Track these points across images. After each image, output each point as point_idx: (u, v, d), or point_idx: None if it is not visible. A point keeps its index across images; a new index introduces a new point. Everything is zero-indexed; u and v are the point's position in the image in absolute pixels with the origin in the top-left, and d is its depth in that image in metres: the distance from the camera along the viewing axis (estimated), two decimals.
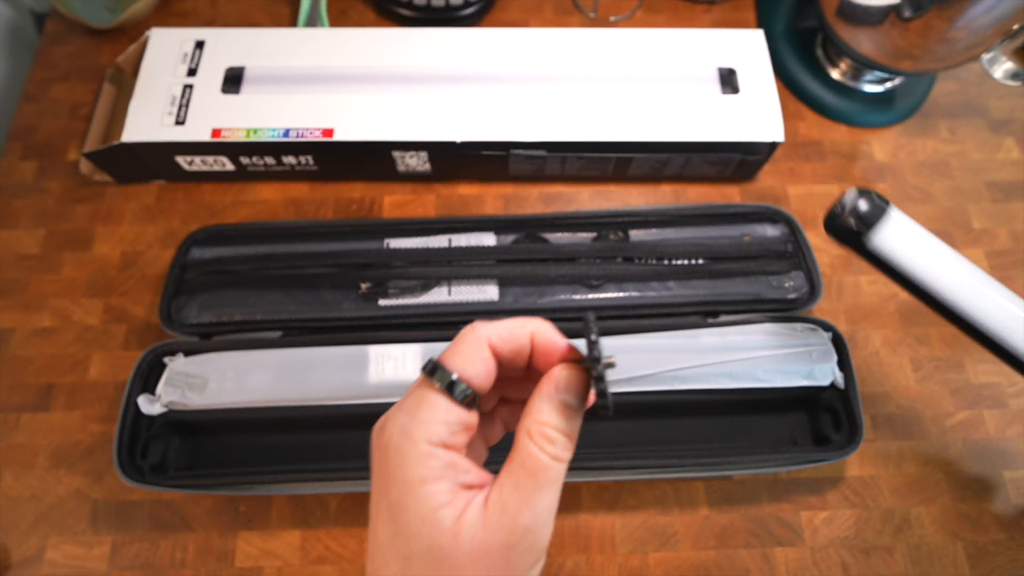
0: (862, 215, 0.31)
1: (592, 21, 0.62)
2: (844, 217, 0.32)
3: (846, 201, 0.32)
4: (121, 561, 0.42)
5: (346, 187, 0.54)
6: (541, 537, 0.22)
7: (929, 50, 0.48)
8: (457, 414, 0.21)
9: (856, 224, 0.31)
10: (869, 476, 0.45)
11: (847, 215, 0.32)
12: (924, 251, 0.32)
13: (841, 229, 0.32)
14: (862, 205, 0.31)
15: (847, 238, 0.32)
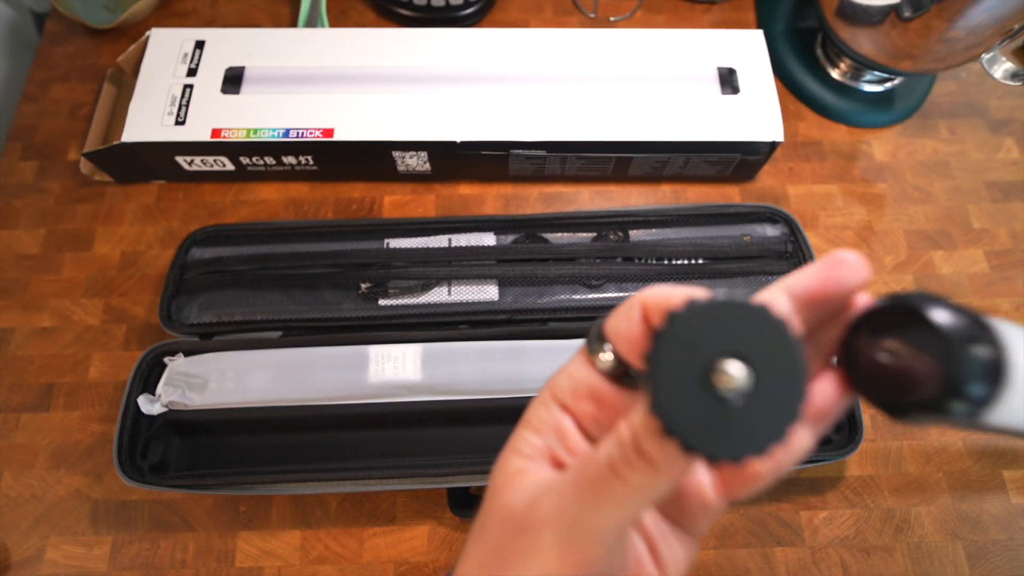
0: (976, 391, 0.15)
1: (592, 21, 0.62)
2: (943, 399, 0.15)
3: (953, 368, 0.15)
4: (121, 561, 0.42)
5: (346, 187, 0.54)
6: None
7: (929, 50, 0.48)
8: (584, 373, 0.19)
9: (967, 407, 0.15)
10: (869, 476, 0.45)
11: (947, 394, 0.15)
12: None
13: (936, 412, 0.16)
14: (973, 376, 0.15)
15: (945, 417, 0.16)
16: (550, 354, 0.42)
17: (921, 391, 0.15)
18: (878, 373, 0.16)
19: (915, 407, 0.16)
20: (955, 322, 0.15)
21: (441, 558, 0.42)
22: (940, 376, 0.15)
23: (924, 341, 0.15)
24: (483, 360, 0.42)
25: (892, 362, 0.16)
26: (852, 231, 0.53)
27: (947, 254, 0.52)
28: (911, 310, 0.16)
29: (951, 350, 0.15)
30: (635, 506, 0.16)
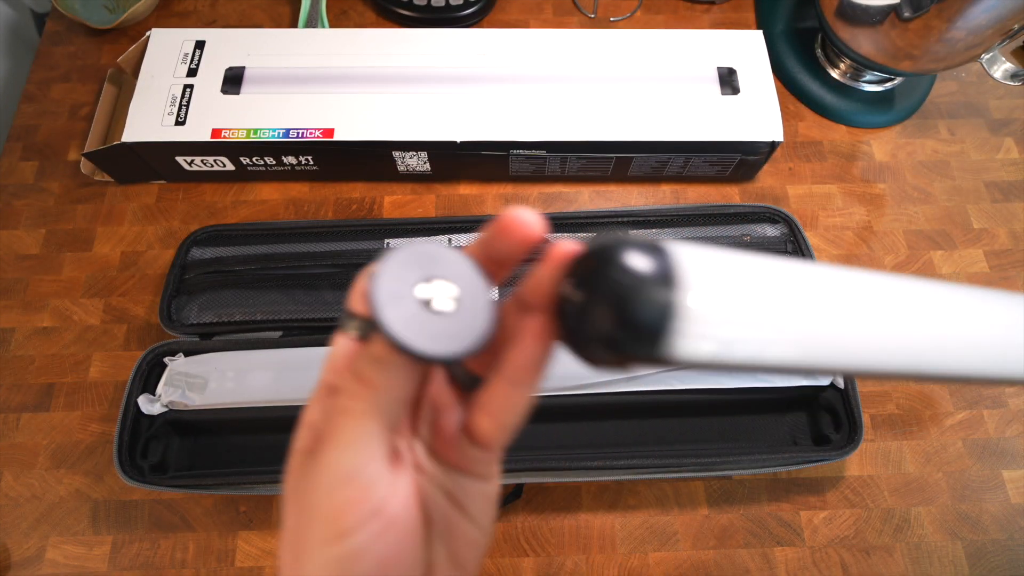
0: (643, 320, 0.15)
1: (592, 21, 0.62)
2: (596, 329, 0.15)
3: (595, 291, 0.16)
4: (121, 561, 0.42)
5: (346, 187, 0.54)
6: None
7: (929, 50, 0.48)
8: (344, 348, 0.20)
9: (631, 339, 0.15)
10: (869, 476, 0.45)
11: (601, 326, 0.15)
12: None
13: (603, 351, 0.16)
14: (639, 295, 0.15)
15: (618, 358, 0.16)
16: None
17: (598, 331, 0.15)
18: (566, 317, 0.17)
19: (596, 347, 0.16)
20: (629, 262, 0.15)
21: None
22: (612, 314, 0.15)
23: (600, 282, 0.15)
24: None
25: (575, 305, 0.16)
26: (852, 231, 0.53)
27: (947, 254, 0.52)
28: (595, 253, 0.16)
29: (618, 289, 0.15)
30: (364, 433, 0.17)
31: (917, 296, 0.18)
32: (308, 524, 0.18)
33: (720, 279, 0.15)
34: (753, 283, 0.16)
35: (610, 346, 0.15)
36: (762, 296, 0.16)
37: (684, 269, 0.15)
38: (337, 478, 0.17)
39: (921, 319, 0.18)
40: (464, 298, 0.18)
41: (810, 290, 0.17)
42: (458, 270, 0.18)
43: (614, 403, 0.42)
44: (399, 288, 0.17)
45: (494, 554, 0.43)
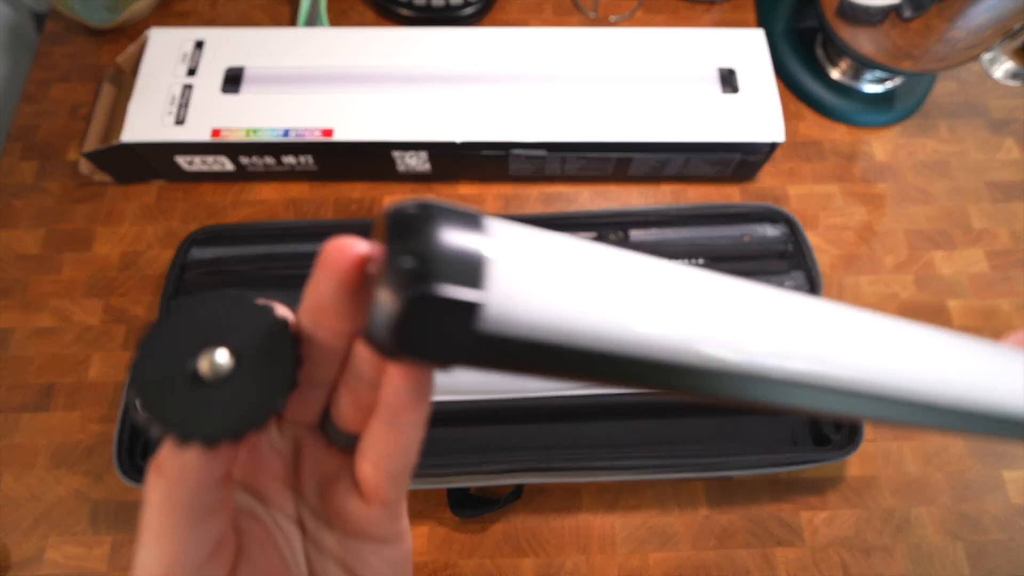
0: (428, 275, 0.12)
1: (592, 21, 0.62)
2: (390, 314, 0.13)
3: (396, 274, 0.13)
4: (121, 561, 0.42)
5: (346, 187, 0.54)
6: None
7: (929, 50, 0.48)
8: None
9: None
10: (869, 476, 0.45)
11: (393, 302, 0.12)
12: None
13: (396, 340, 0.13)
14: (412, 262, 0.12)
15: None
16: None
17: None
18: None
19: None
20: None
21: (441, 558, 0.42)
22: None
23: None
24: None
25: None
26: (852, 231, 0.53)
27: (947, 254, 0.52)
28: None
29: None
30: (162, 528, 0.15)
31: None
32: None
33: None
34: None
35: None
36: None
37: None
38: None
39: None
40: (252, 361, 0.15)
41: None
42: (252, 326, 0.15)
43: (614, 403, 0.42)
44: (166, 360, 0.15)
45: (494, 554, 0.43)
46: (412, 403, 0.15)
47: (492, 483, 0.41)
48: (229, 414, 0.14)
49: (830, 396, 0.17)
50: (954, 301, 0.51)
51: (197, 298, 0.15)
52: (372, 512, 0.17)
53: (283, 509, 0.18)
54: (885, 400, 0.17)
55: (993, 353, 0.19)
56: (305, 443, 0.18)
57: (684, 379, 0.15)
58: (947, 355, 0.18)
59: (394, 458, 0.16)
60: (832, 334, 0.16)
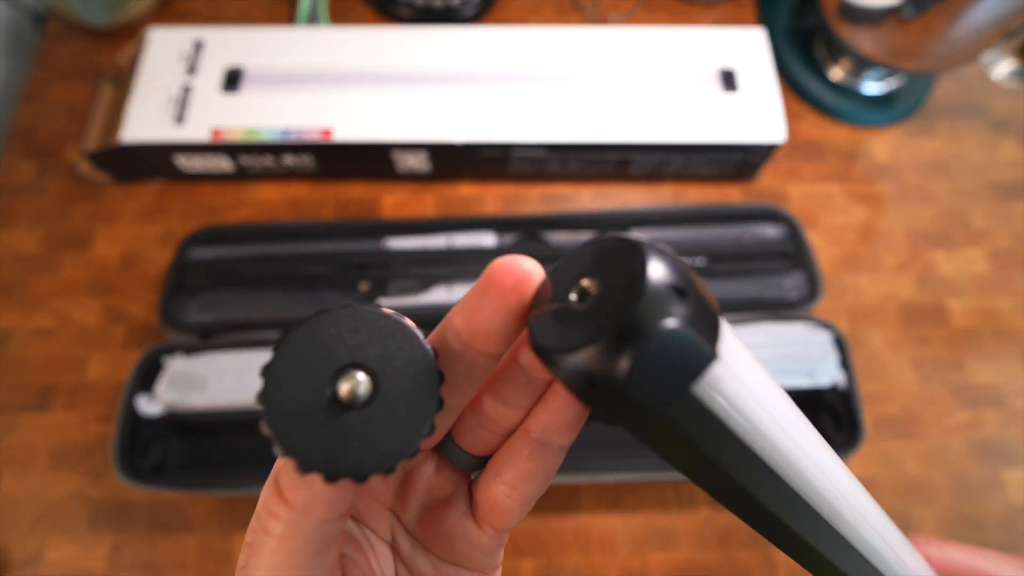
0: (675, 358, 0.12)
1: (592, 20, 0.62)
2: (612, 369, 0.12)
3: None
4: (121, 561, 0.42)
5: (346, 187, 0.54)
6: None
7: (929, 50, 0.48)
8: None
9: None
10: (869, 476, 0.45)
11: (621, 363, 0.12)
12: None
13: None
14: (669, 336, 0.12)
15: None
16: None
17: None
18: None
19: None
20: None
21: None
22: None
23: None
24: None
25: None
26: (852, 231, 0.53)
27: (947, 254, 0.52)
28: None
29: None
30: (282, 562, 0.14)
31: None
32: None
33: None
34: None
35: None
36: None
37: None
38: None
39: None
40: (391, 381, 0.14)
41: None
42: (393, 347, 0.14)
43: None
44: (296, 389, 0.13)
45: None
46: (570, 426, 0.15)
47: None
48: (376, 443, 0.13)
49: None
50: (954, 301, 0.51)
51: (322, 314, 0.14)
52: (484, 538, 0.17)
53: (379, 531, 0.17)
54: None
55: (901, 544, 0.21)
56: (418, 464, 0.17)
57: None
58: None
59: (534, 482, 0.16)
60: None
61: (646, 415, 0.12)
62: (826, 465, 0.16)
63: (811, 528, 0.17)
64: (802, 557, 0.18)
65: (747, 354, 0.14)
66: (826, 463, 0.17)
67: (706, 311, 0.12)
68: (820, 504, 0.16)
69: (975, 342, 0.49)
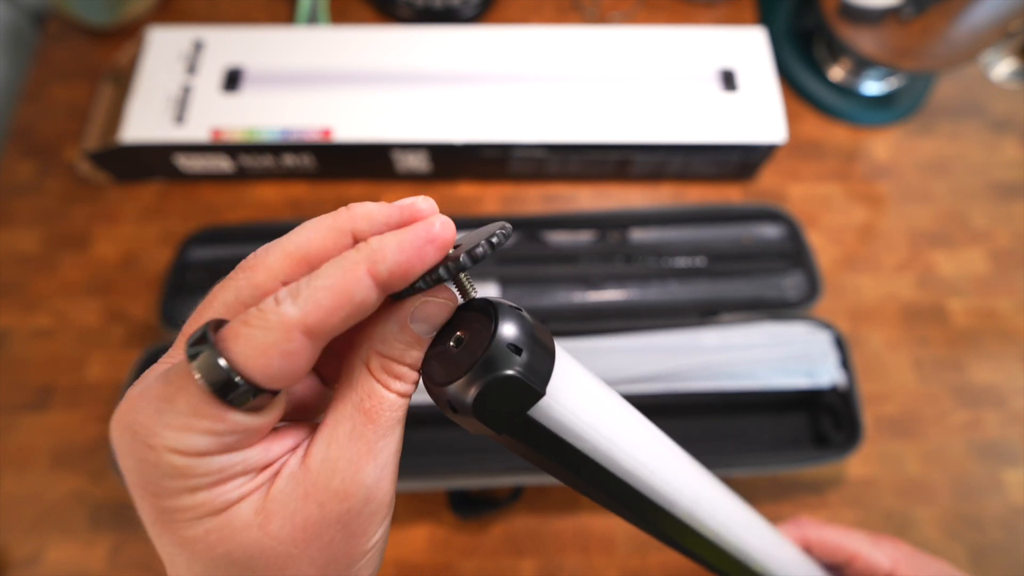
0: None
1: (592, 20, 0.62)
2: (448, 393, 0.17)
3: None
4: (121, 561, 0.42)
5: (346, 187, 0.54)
6: (387, 492, 0.17)
7: (929, 50, 0.48)
8: (230, 423, 0.15)
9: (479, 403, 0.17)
10: (869, 476, 0.45)
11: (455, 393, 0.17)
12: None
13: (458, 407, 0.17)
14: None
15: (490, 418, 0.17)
16: None
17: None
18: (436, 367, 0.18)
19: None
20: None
21: (441, 559, 0.42)
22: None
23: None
24: None
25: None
26: (852, 231, 0.53)
27: (947, 254, 0.52)
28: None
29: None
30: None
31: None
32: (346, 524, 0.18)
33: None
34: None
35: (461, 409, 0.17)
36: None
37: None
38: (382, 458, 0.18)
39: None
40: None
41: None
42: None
43: None
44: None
45: (494, 555, 0.43)
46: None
47: (492, 483, 0.40)
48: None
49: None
50: (954, 301, 0.51)
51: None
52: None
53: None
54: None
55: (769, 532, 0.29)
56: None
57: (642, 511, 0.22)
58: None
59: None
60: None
61: (494, 433, 0.17)
62: (667, 466, 0.22)
63: (659, 518, 0.22)
64: (673, 542, 0.24)
65: (584, 380, 0.19)
66: (667, 465, 0.22)
67: (539, 359, 0.17)
68: (660, 499, 0.21)
69: (975, 342, 0.49)
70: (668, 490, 0.22)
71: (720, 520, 0.25)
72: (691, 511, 0.23)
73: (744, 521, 0.27)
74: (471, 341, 0.17)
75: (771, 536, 0.29)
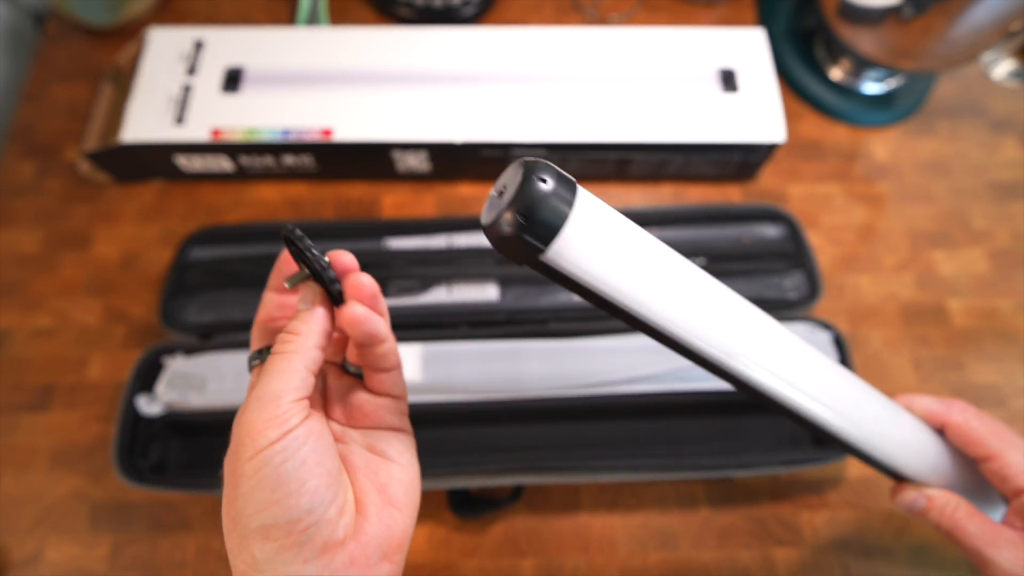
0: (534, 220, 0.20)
1: (592, 20, 0.62)
2: (500, 223, 0.20)
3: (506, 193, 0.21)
4: (121, 561, 0.42)
5: (346, 187, 0.54)
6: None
7: (929, 50, 0.48)
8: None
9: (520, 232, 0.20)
10: (869, 476, 0.45)
11: (505, 219, 0.20)
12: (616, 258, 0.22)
13: (501, 242, 0.21)
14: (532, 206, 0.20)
15: (514, 252, 0.21)
16: (550, 355, 0.42)
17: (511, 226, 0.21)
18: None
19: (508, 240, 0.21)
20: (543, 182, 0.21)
21: (441, 559, 0.42)
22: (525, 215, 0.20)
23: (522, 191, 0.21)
24: (483, 361, 0.42)
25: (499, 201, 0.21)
26: (852, 231, 0.53)
27: (947, 254, 0.52)
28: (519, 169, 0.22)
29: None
30: (289, 365, 0.23)
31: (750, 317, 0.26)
32: (237, 446, 0.23)
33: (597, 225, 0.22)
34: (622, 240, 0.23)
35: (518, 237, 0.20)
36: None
37: (580, 199, 0.22)
38: (262, 400, 0.22)
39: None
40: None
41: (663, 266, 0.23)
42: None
43: (614, 403, 0.42)
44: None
45: (494, 555, 0.43)
46: (377, 338, 0.25)
47: (492, 483, 0.40)
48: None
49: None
50: (954, 301, 0.51)
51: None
52: (380, 399, 0.27)
53: (315, 406, 0.26)
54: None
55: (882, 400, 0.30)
56: (327, 375, 0.28)
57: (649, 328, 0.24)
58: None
59: (387, 361, 0.26)
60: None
61: (530, 262, 0.21)
62: (716, 311, 0.24)
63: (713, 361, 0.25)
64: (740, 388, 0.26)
65: (612, 224, 0.23)
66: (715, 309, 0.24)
67: (564, 184, 0.22)
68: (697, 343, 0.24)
69: (975, 342, 0.49)
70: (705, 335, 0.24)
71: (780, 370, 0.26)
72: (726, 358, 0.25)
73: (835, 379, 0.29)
74: (511, 190, 0.21)
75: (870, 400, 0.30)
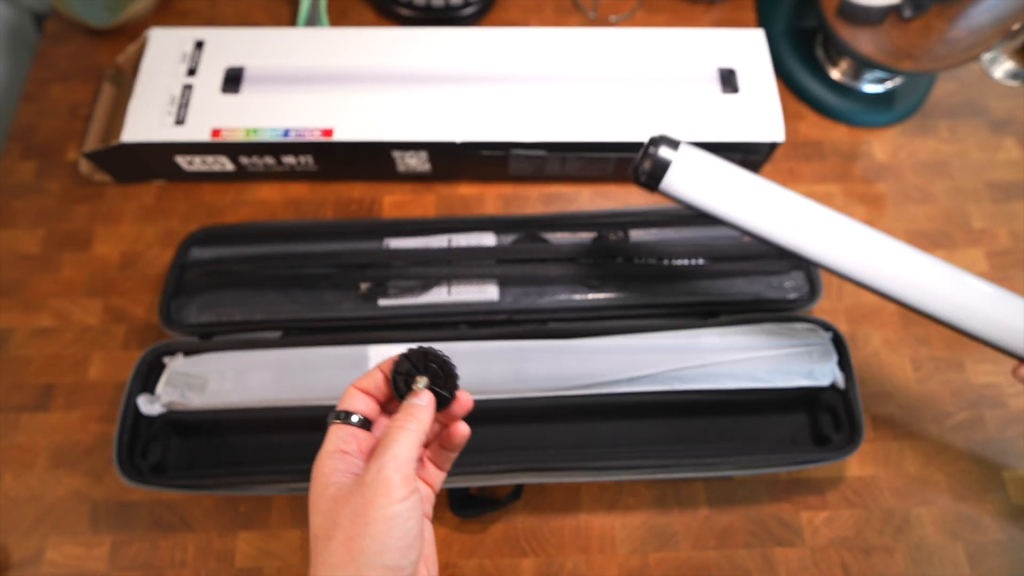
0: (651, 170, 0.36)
1: (592, 21, 0.62)
2: (639, 172, 0.36)
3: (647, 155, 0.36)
4: (121, 561, 0.42)
5: (346, 187, 0.54)
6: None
7: (929, 50, 0.48)
8: (346, 430, 0.28)
9: (647, 179, 0.37)
10: (869, 476, 0.45)
11: (642, 169, 0.36)
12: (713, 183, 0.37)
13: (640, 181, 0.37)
14: (651, 159, 0.36)
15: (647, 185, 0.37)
16: (550, 354, 0.42)
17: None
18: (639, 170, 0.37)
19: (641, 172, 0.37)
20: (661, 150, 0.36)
21: (441, 558, 0.42)
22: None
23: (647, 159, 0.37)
24: (483, 360, 0.42)
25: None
26: None
27: (948, 254, 0.52)
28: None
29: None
30: (415, 440, 0.27)
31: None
32: (374, 495, 0.25)
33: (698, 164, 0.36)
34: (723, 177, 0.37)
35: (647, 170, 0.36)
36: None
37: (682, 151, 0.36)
38: (398, 461, 0.26)
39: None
40: (437, 379, 0.30)
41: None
42: (437, 364, 0.30)
43: (614, 403, 0.42)
44: (402, 376, 0.29)
45: (494, 554, 0.43)
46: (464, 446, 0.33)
47: (492, 483, 0.40)
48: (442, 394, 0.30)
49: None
50: None
51: (407, 353, 0.30)
52: (441, 474, 0.34)
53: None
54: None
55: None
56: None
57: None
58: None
59: (458, 448, 0.34)
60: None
61: (656, 186, 0.37)
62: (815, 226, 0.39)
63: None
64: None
65: (712, 165, 0.37)
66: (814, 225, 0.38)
67: (669, 141, 0.36)
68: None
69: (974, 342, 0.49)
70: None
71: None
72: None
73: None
74: (645, 158, 0.36)
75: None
